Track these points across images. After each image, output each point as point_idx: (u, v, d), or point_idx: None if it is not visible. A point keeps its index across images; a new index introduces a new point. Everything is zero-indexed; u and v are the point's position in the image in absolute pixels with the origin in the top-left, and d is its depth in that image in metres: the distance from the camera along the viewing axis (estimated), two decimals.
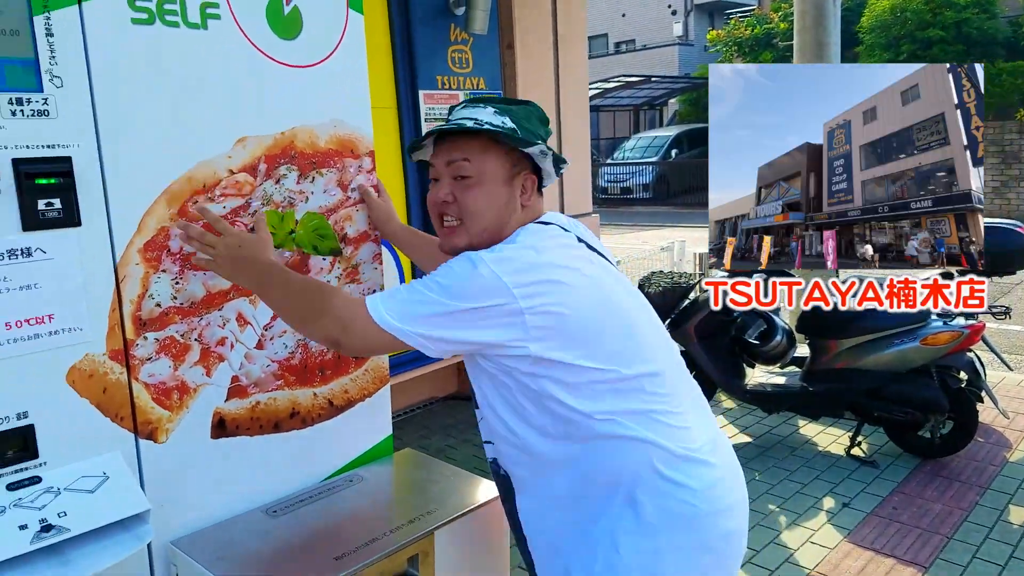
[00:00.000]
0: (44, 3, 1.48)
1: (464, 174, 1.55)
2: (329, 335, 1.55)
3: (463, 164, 1.55)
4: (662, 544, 1.46)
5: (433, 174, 1.62)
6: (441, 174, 1.59)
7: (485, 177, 1.55)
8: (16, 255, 1.48)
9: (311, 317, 1.57)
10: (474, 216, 1.55)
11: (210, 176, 1.76)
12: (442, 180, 1.59)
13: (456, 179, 1.56)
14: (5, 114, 1.44)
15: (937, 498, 3.82)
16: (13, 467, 1.51)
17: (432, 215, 1.64)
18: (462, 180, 1.56)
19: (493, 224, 1.57)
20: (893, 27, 16.03)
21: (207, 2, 1.71)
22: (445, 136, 1.59)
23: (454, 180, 1.57)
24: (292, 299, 1.62)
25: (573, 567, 1.53)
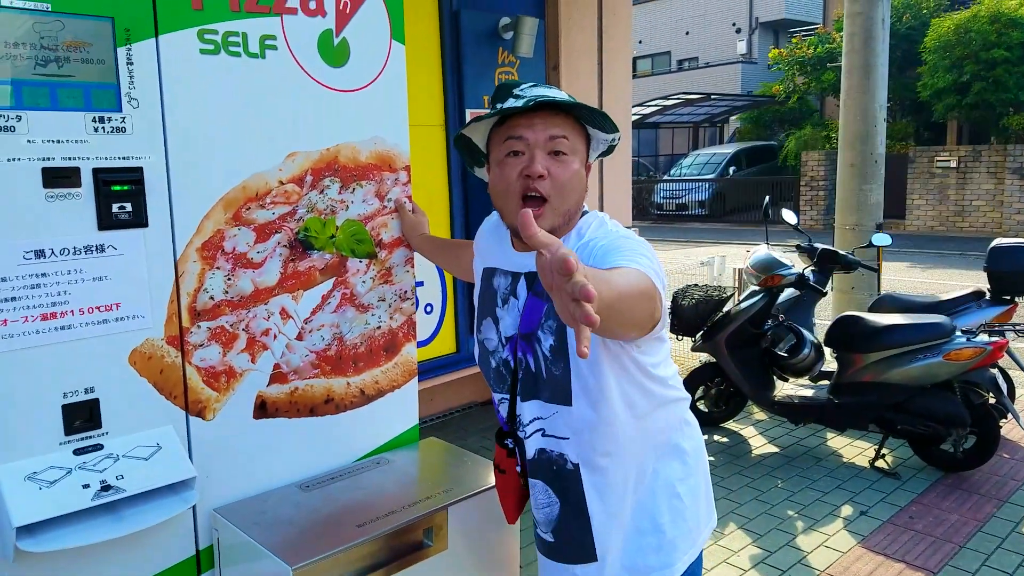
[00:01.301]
0: (127, 36, 1.72)
1: (563, 150, 1.52)
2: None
3: (563, 140, 1.52)
4: (700, 477, 1.72)
5: (517, 146, 1.53)
6: (535, 147, 1.51)
7: (577, 156, 1.55)
8: (91, 251, 1.72)
9: None
10: (565, 194, 1.52)
11: (262, 186, 1.99)
12: (535, 153, 1.51)
13: (553, 154, 1.52)
14: (89, 130, 1.69)
15: (954, 509, 3.87)
16: (80, 435, 1.75)
17: (508, 193, 1.54)
18: (559, 156, 1.52)
19: (574, 206, 1.56)
20: (956, 47, 15.69)
21: (266, 35, 1.94)
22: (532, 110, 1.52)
23: (551, 155, 1.52)
24: None
25: (643, 525, 1.62)
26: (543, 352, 1.56)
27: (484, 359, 1.76)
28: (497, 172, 1.58)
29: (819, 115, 21.33)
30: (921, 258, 13.12)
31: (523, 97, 1.51)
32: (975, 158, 16.05)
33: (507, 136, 1.54)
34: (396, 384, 2.34)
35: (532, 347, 1.58)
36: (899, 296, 5.01)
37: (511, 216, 1.57)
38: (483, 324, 1.74)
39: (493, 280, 1.72)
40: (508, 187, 1.54)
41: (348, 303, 2.19)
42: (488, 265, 1.76)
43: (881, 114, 6.68)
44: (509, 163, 1.54)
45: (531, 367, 1.59)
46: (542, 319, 1.55)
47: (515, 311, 1.63)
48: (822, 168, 17.99)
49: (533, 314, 1.57)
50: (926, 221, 16.79)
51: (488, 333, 1.72)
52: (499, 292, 1.69)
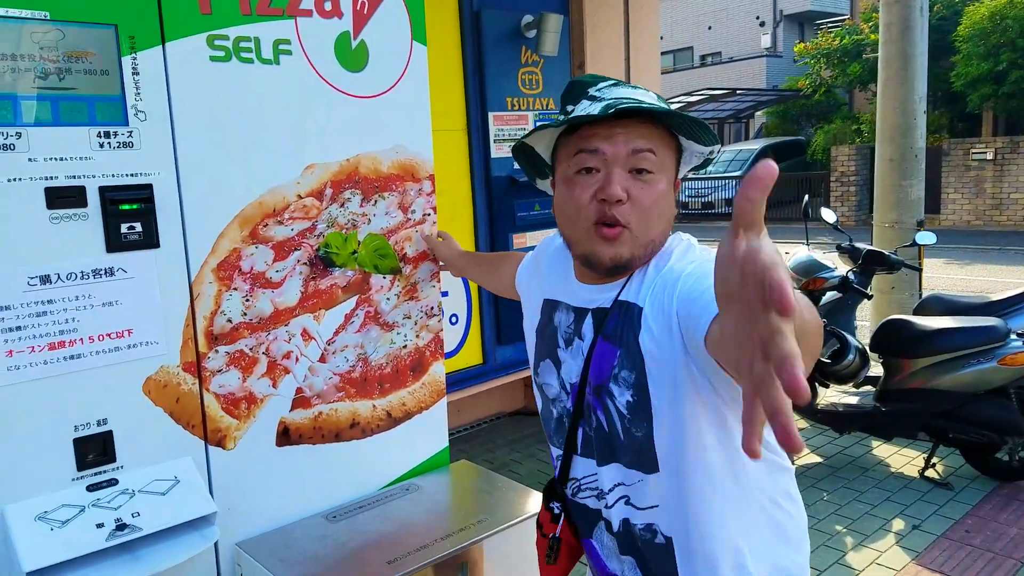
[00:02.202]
0: (131, 44, 1.62)
1: (648, 167, 1.23)
2: None
3: (648, 156, 1.23)
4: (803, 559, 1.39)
5: (590, 162, 1.24)
6: (613, 163, 1.23)
7: (664, 175, 1.26)
8: (100, 274, 1.62)
9: None
10: (649, 221, 1.24)
11: (280, 201, 1.88)
12: (613, 172, 1.22)
13: (635, 172, 1.23)
14: (94, 146, 1.59)
15: (1013, 522, 3.69)
16: (93, 470, 1.65)
17: (579, 219, 1.27)
18: (642, 175, 1.23)
19: (660, 235, 1.28)
20: (992, 35, 15.35)
21: (280, 39, 1.83)
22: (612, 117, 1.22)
23: (632, 174, 1.23)
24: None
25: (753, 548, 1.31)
26: (617, 409, 1.27)
27: (545, 408, 1.48)
28: (565, 192, 1.29)
29: (847, 108, 21.01)
30: (958, 254, 12.79)
31: (601, 100, 1.23)
32: (1012, 149, 15.66)
33: (579, 148, 1.26)
34: (424, 405, 2.22)
35: (603, 402, 1.30)
36: (946, 297, 4.81)
37: (580, 245, 1.29)
38: (541, 366, 1.46)
39: (554, 315, 1.43)
40: (578, 212, 1.26)
41: (372, 322, 2.08)
42: (549, 296, 1.47)
43: (921, 106, 6.46)
44: (580, 182, 1.26)
45: (603, 425, 1.31)
46: (614, 368, 1.27)
47: (580, 355, 1.35)
48: (852, 163, 17.67)
49: (603, 362, 1.29)
50: (961, 215, 16.41)
51: (548, 377, 1.44)
52: (560, 330, 1.41)
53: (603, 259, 1.25)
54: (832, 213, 4.93)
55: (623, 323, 1.26)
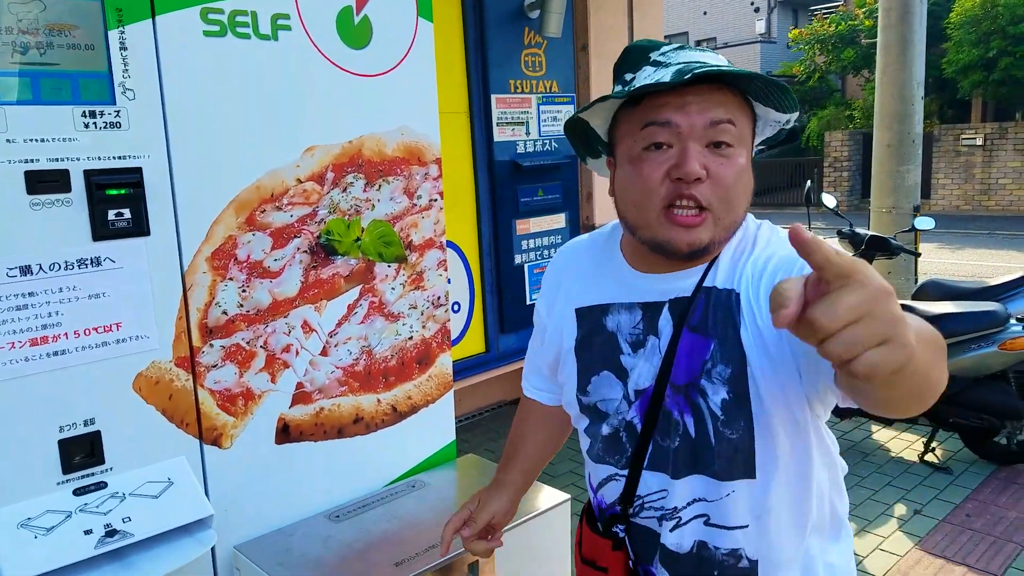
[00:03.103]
0: (119, 18, 1.50)
1: (727, 140, 1.08)
2: None
3: (728, 127, 1.08)
4: None
5: (661, 136, 1.08)
6: (688, 137, 1.07)
7: (744, 148, 1.11)
8: (86, 264, 1.51)
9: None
10: (731, 200, 1.09)
11: (278, 185, 1.77)
12: (689, 147, 1.07)
13: (713, 147, 1.08)
14: (78, 126, 1.47)
15: (1012, 505, 3.71)
16: (80, 472, 1.55)
17: (650, 201, 1.10)
18: (722, 149, 1.08)
19: (741, 215, 1.14)
20: (983, 22, 15.38)
21: (278, 14, 1.72)
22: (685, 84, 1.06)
23: (709, 148, 1.08)
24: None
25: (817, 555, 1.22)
26: (710, 408, 1.12)
27: (592, 426, 1.28)
28: (631, 171, 1.12)
29: (840, 94, 20.99)
30: (949, 239, 12.86)
31: (669, 65, 1.07)
32: (1001, 135, 15.73)
33: (647, 121, 1.09)
34: (431, 398, 2.12)
35: (693, 402, 1.14)
36: (944, 282, 4.80)
37: (650, 229, 1.12)
38: (594, 382, 1.26)
39: (605, 320, 1.24)
40: (649, 194, 1.09)
41: (376, 312, 1.97)
42: (587, 304, 1.27)
43: (919, 92, 6.41)
44: (650, 159, 1.09)
45: (690, 431, 1.15)
46: (707, 363, 1.11)
47: (657, 354, 1.17)
48: (845, 148, 17.70)
49: (693, 356, 1.13)
50: (951, 200, 16.47)
51: (606, 392, 1.24)
52: (623, 334, 1.22)
53: (679, 246, 1.09)
54: (832, 199, 4.90)
55: (716, 311, 1.12)
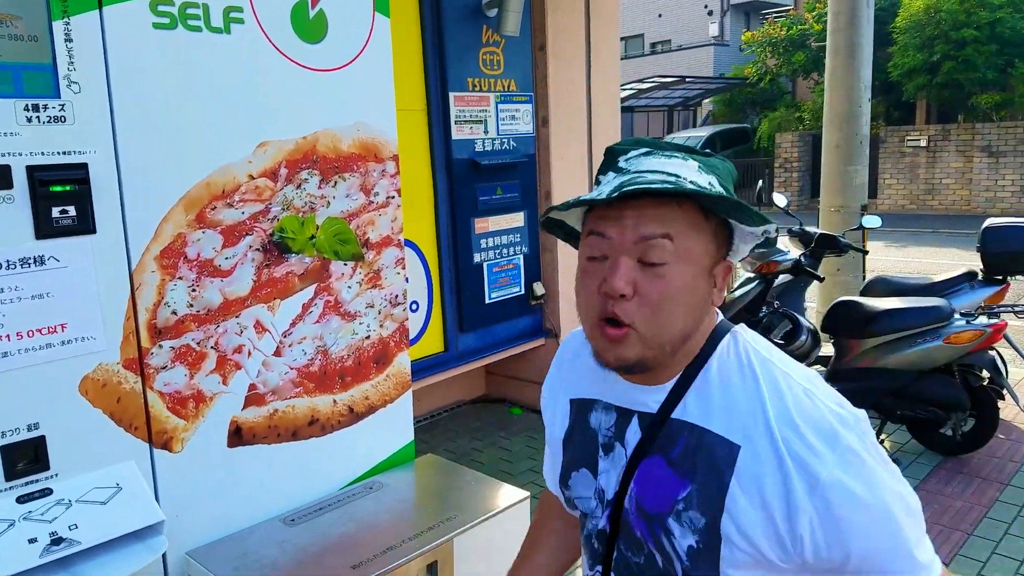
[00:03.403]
0: (64, 8, 1.46)
1: (659, 260, 1.02)
2: None
3: (661, 243, 1.02)
4: None
5: (599, 248, 1.06)
6: (620, 251, 1.04)
7: (688, 264, 1.04)
8: (29, 264, 1.46)
9: None
10: (664, 321, 1.04)
11: (229, 181, 1.73)
12: (619, 261, 1.03)
13: (645, 264, 1.03)
14: (21, 120, 1.42)
15: (958, 495, 3.82)
16: (23, 479, 1.50)
17: (589, 311, 1.08)
18: (654, 268, 1.03)
19: (681, 334, 1.06)
20: (927, 27, 15.86)
21: (231, 6, 1.68)
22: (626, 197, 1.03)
23: (640, 264, 1.03)
24: None
25: None
26: (676, 550, 1.08)
27: (581, 522, 1.26)
28: (579, 279, 1.10)
29: (791, 97, 21.40)
30: (895, 237, 13.23)
31: (625, 174, 1.06)
32: (944, 137, 16.23)
33: (589, 230, 1.08)
34: (388, 398, 2.10)
35: (656, 536, 1.10)
36: (891, 279, 4.94)
37: (590, 338, 1.10)
38: (573, 477, 1.23)
39: (590, 416, 1.21)
40: (587, 305, 1.08)
41: (332, 311, 1.95)
42: (577, 396, 1.25)
43: (866, 94, 6.58)
44: (590, 271, 1.07)
45: (656, 561, 1.11)
46: (678, 504, 1.06)
47: (621, 464, 1.14)
48: (795, 149, 18.07)
49: (663, 490, 1.09)
50: (897, 200, 16.94)
51: (582, 490, 1.21)
52: (600, 433, 1.19)
53: (608, 360, 1.07)
54: (783, 198, 5.00)
55: (701, 456, 1.05)
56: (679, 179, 1.03)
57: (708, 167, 1.07)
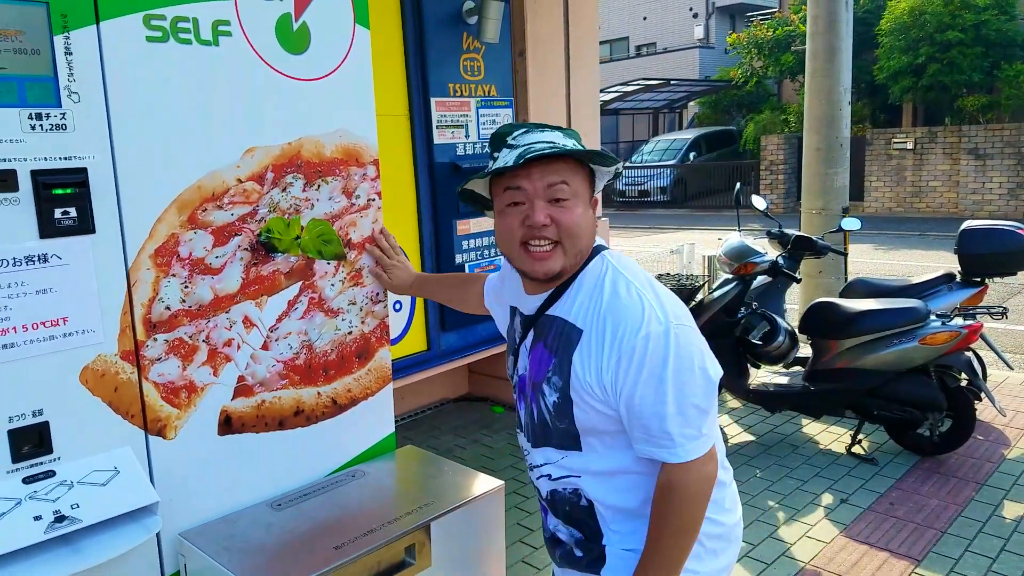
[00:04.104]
0: (64, 23, 1.56)
1: (563, 196, 1.53)
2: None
3: (562, 187, 1.52)
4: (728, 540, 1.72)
5: (516, 197, 1.55)
6: (533, 197, 1.53)
7: (579, 199, 1.55)
8: (33, 261, 1.56)
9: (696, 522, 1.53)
10: (574, 238, 1.54)
11: (219, 185, 1.84)
12: (536, 203, 1.53)
13: (553, 202, 1.53)
14: (25, 128, 1.53)
15: (934, 494, 3.87)
16: (29, 461, 1.60)
17: (512, 241, 1.57)
18: (560, 203, 1.53)
19: (586, 245, 1.57)
20: (912, 29, 15.92)
21: (219, 20, 1.79)
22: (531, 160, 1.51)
23: (551, 203, 1.53)
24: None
25: None
26: (547, 406, 1.60)
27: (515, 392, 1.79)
28: (500, 222, 1.60)
29: (776, 99, 21.50)
30: (881, 240, 13.27)
31: (516, 147, 1.53)
32: (931, 139, 16.28)
33: (505, 186, 1.56)
34: (370, 391, 2.21)
35: (538, 397, 1.62)
36: (870, 280, 5.00)
37: (517, 261, 1.60)
38: (509, 360, 1.78)
39: (513, 319, 1.77)
40: (511, 236, 1.57)
41: (316, 308, 2.06)
42: (512, 303, 1.79)
43: (845, 97, 6.67)
44: (511, 213, 1.56)
45: (542, 416, 1.63)
46: (548, 372, 1.58)
47: (524, 354, 1.68)
48: (781, 152, 18.13)
49: (540, 365, 1.61)
50: (884, 203, 17.00)
51: (511, 370, 1.76)
52: (515, 331, 1.75)
53: (537, 274, 1.57)
54: (763, 200, 5.05)
55: (560, 338, 1.56)
56: (555, 144, 1.51)
57: (567, 135, 1.56)
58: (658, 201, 20.09)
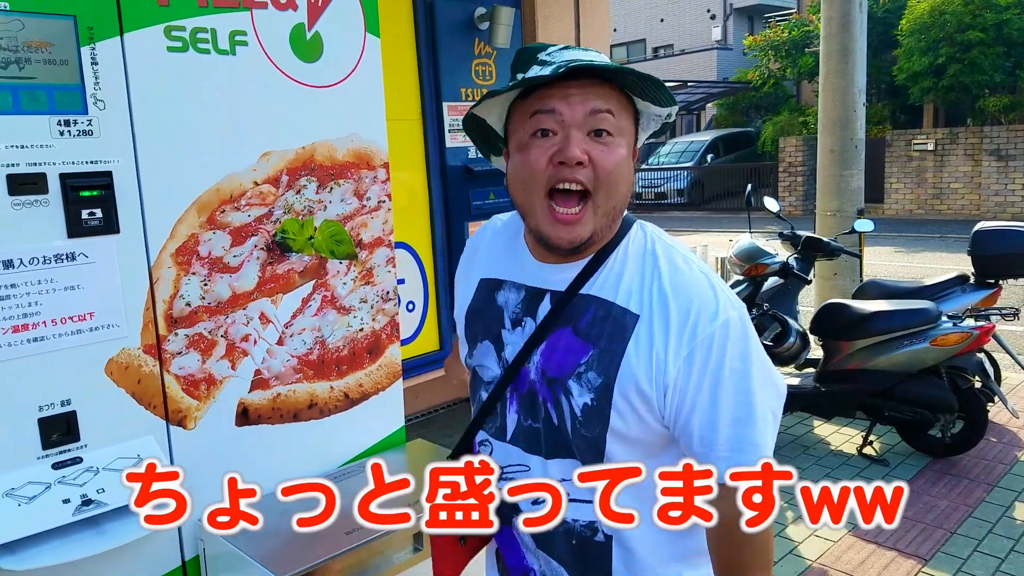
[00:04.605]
0: (90, 35, 1.66)
1: (608, 128, 1.14)
2: None
3: (607, 116, 1.14)
4: None
5: (547, 123, 1.15)
6: (571, 124, 1.14)
7: (624, 139, 1.17)
8: (62, 259, 1.66)
9: None
10: (611, 187, 1.15)
11: (236, 187, 1.94)
12: (571, 133, 1.13)
13: (594, 135, 1.14)
14: (54, 134, 1.63)
15: (944, 495, 3.87)
16: (58, 448, 1.70)
17: (534, 184, 1.16)
18: (603, 137, 1.15)
19: (621, 204, 1.19)
20: (932, 29, 15.76)
21: (236, 30, 1.88)
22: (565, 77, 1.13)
23: (591, 136, 1.14)
24: None
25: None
26: (572, 409, 1.20)
27: (475, 389, 1.40)
28: (519, 158, 1.18)
29: (795, 100, 21.40)
30: (902, 242, 13.15)
31: (552, 63, 1.14)
32: (952, 140, 16.12)
33: (534, 110, 1.16)
34: (381, 386, 2.29)
35: (556, 396, 1.22)
36: (883, 282, 5.00)
37: (535, 218, 1.19)
38: (479, 347, 1.35)
39: (497, 295, 1.33)
40: (533, 176, 1.15)
41: (329, 306, 2.14)
42: (488, 276, 1.37)
43: (860, 99, 6.66)
44: (536, 145, 1.15)
45: (552, 419, 1.23)
46: (580, 367, 1.19)
47: (524, 341, 1.26)
48: (800, 154, 18.05)
49: (568, 355, 1.21)
50: (904, 205, 16.86)
51: (486, 359, 1.33)
52: (508, 310, 1.30)
53: (561, 242, 1.17)
54: (775, 202, 5.07)
55: (605, 323, 1.19)
56: (606, 62, 1.13)
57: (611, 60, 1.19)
58: (675, 203, 20.08)
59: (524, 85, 1.14)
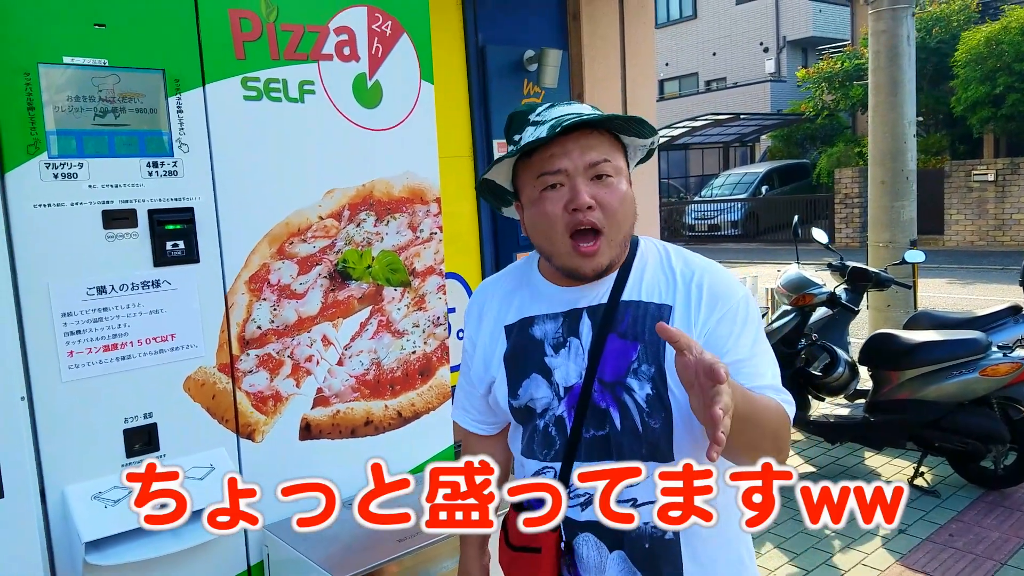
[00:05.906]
0: (176, 86, 1.87)
1: (607, 173, 1.31)
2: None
3: (605, 164, 1.31)
4: None
5: (554, 180, 1.31)
6: (575, 175, 1.30)
7: (622, 176, 1.35)
8: (148, 286, 1.86)
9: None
10: (619, 222, 1.32)
11: (303, 221, 2.12)
12: (577, 183, 1.30)
13: (596, 179, 1.31)
14: (144, 175, 1.84)
15: (995, 526, 3.82)
16: (140, 456, 1.88)
17: (555, 231, 1.32)
18: (603, 180, 1.31)
19: (629, 231, 1.37)
20: (989, 59, 15.51)
21: (304, 80, 2.08)
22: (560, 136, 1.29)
23: (594, 181, 1.31)
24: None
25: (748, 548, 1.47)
26: (636, 402, 1.33)
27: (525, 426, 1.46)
28: (535, 211, 1.34)
29: (851, 131, 21.17)
30: (961, 274, 12.87)
31: (544, 123, 1.30)
32: (1013, 171, 15.75)
33: (541, 171, 1.32)
34: (431, 406, 2.44)
35: (619, 398, 1.34)
36: (934, 313, 4.96)
37: (560, 258, 1.35)
38: (524, 385, 1.43)
39: (532, 330, 1.43)
40: (552, 225, 1.32)
41: (384, 329, 2.30)
42: (516, 319, 1.46)
43: (911, 130, 6.64)
44: (549, 198, 1.32)
45: (616, 423, 1.34)
46: (633, 363, 1.33)
47: (579, 355, 1.37)
48: (856, 185, 17.81)
49: (619, 359, 1.34)
50: (965, 236, 16.48)
51: (535, 391, 1.41)
52: (548, 339, 1.41)
53: (586, 272, 1.33)
54: (823, 233, 5.08)
55: (645, 320, 1.34)
56: (591, 114, 1.31)
57: (592, 107, 1.37)
58: (729, 235, 19.97)
59: (525, 149, 1.31)
